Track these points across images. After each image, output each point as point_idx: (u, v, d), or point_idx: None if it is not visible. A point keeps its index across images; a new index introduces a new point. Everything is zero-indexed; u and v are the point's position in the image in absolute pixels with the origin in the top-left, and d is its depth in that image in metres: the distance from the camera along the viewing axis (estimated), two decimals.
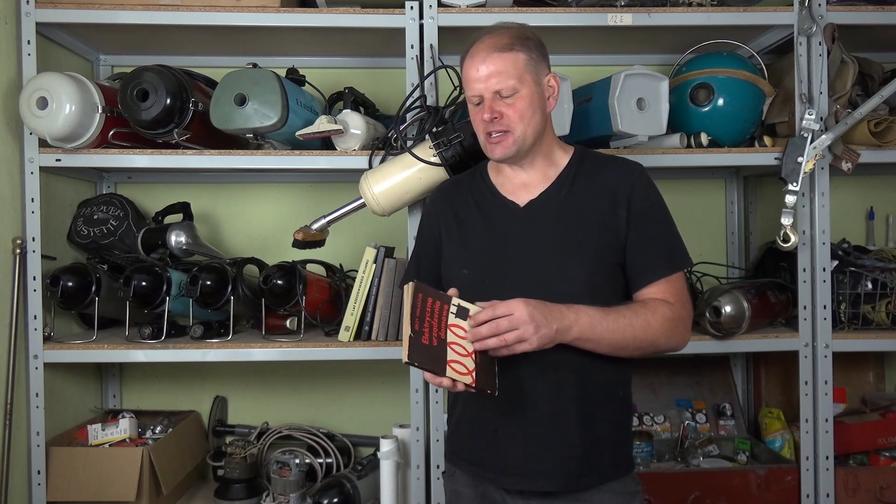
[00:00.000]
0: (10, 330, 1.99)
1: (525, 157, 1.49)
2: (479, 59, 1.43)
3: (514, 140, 1.44)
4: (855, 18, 2.09)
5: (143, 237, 2.23)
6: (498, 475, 1.45)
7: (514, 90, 1.42)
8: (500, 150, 1.46)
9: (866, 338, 2.14)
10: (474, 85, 1.44)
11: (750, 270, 2.56)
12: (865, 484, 2.13)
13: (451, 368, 1.26)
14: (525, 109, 1.43)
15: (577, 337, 1.34)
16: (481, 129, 1.47)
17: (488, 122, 1.44)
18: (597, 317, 1.35)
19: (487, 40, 1.45)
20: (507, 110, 1.43)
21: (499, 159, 1.48)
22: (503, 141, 1.45)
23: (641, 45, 2.39)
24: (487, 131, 1.45)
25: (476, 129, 1.50)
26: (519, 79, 1.43)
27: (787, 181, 2.05)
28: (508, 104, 1.43)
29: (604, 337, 1.36)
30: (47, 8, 2.00)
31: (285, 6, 2.05)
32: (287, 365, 2.51)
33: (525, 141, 1.45)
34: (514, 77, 1.42)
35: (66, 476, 2.02)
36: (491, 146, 1.47)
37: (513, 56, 1.43)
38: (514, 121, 1.43)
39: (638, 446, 2.26)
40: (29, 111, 1.91)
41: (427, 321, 1.28)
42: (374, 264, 2.04)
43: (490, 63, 1.42)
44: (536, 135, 1.47)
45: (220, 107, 1.97)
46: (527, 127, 1.44)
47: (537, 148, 1.49)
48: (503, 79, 1.42)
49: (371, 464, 2.23)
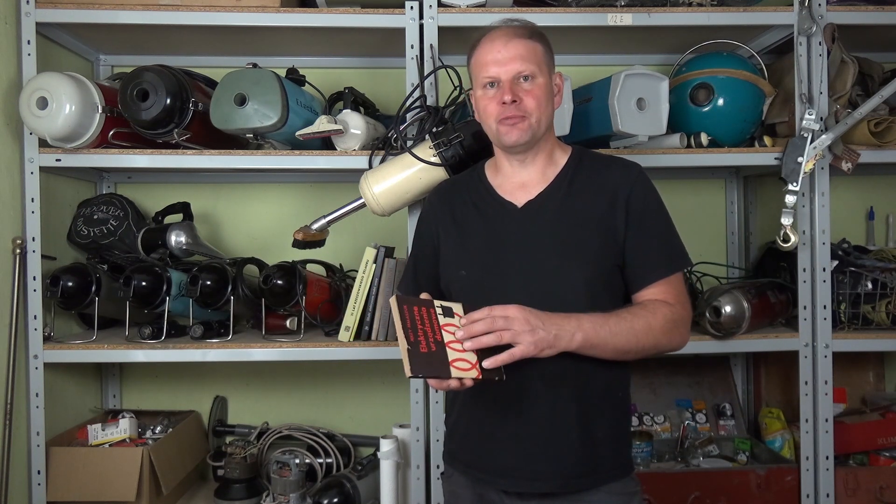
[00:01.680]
0: (10, 330, 1.99)
1: (531, 148, 1.48)
2: (501, 42, 1.43)
3: (530, 126, 1.43)
4: (855, 18, 2.09)
5: (143, 237, 2.23)
6: (495, 477, 1.45)
7: (534, 76, 1.43)
8: (516, 134, 1.43)
9: (866, 338, 2.14)
10: (492, 68, 1.43)
11: (750, 270, 2.56)
12: (865, 484, 2.13)
13: (454, 368, 1.25)
14: (541, 98, 1.43)
15: (582, 343, 1.32)
16: (494, 114, 1.44)
17: (506, 106, 1.42)
18: (598, 322, 1.34)
19: (506, 28, 1.46)
20: (525, 96, 1.42)
21: (513, 143, 1.45)
22: (519, 124, 1.43)
23: (641, 45, 2.39)
24: (504, 115, 1.43)
25: (485, 116, 1.47)
26: (538, 66, 1.43)
27: (787, 181, 2.04)
28: (527, 90, 1.42)
29: (608, 342, 1.35)
30: (47, 8, 2.00)
31: (285, 6, 2.05)
32: (287, 365, 2.51)
33: (539, 129, 1.45)
34: (534, 63, 1.43)
35: (66, 476, 2.02)
36: (505, 129, 1.44)
37: (533, 44, 1.44)
38: (532, 107, 1.42)
39: (638, 446, 2.26)
40: (29, 111, 1.91)
41: (420, 329, 1.26)
42: (374, 264, 2.04)
43: (512, 47, 1.42)
44: (547, 126, 1.47)
45: (220, 107, 1.97)
46: (542, 115, 1.44)
47: (542, 143, 1.49)
48: (525, 63, 1.42)
49: (371, 464, 2.23)
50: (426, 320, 1.28)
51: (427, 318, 1.29)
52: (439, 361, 1.25)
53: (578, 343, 1.32)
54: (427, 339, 1.26)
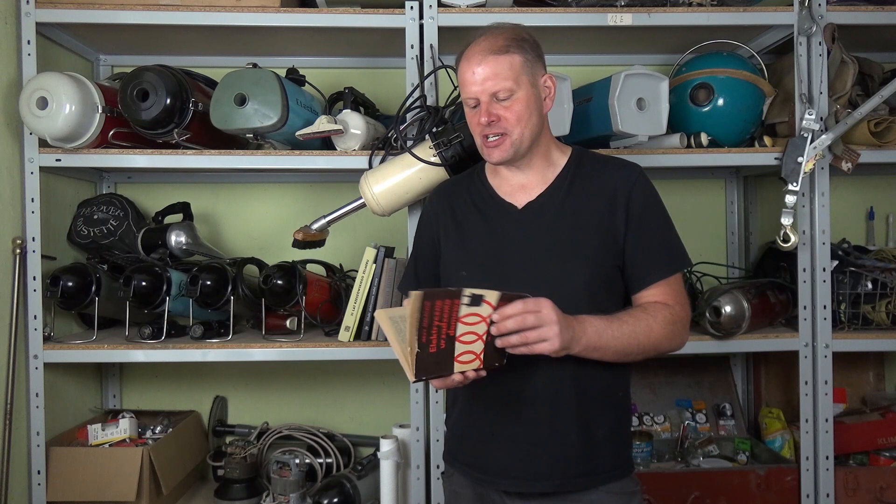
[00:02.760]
0: (10, 330, 1.99)
1: (522, 158, 1.48)
2: (475, 61, 1.42)
3: (512, 143, 1.44)
4: (855, 18, 2.09)
5: (143, 237, 2.23)
6: (495, 477, 1.45)
7: (511, 92, 1.41)
8: (498, 154, 1.45)
9: (866, 338, 2.14)
10: (470, 88, 1.43)
11: (750, 270, 2.56)
12: (865, 484, 2.13)
13: (458, 363, 1.24)
14: (522, 112, 1.42)
15: (585, 347, 1.33)
16: (478, 132, 1.46)
17: (485, 126, 1.43)
18: (601, 326, 1.35)
19: (482, 42, 1.43)
20: (503, 113, 1.42)
21: (496, 162, 1.47)
22: (501, 144, 1.44)
23: (641, 45, 2.39)
24: (484, 134, 1.44)
25: (473, 132, 1.49)
26: (515, 81, 1.41)
27: (787, 181, 2.04)
28: (505, 107, 1.42)
29: (609, 345, 1.35)
30: (47, 8, 2.00)
31: (285, 6, 2.05)
32: (287, 365, 2.51)
33: (522, 143, 1.45)
34: (510, 79, 1.41)
35: (66, 476, 2.02)
36: (488, 150, 1.46)
37: (508, 58, 1.41)
38: (512, 123, 1.42)
39: (638, 446, 2.26)
40: (29, 111, 1.91)
41: (435, 325, 1.23)
42: (374, 264, 2.04)
43: (486, 65, 1.41)
44: (534, 136, 1.46)
45: (220, 107, 1.97)
46: (524, 129, 1.43)
47: (535, 149, 1.48)
48: (499, 81, 1.41)
49: (371, 464, 2.23)
50: (445, 315, 1.23)
51: (448, 312, 1.23)
52: (444, 359, 1.24)
53: (582, 347, 1.33)
54: (439, 336, 1.23)
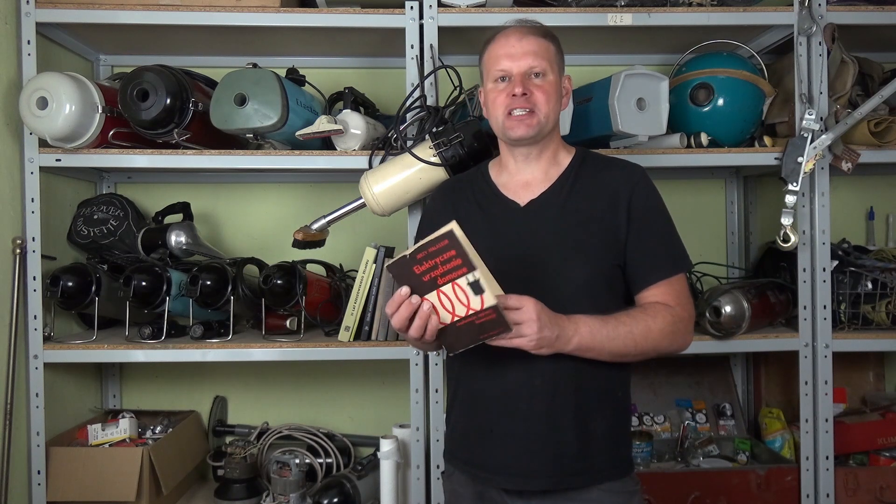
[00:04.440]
0: (10, 330, 1.99)
1: (537, 144, 1.49)
2: (515, 38, 1.46)
3: (538, 121, 1.45)
4: (855, 18, 2.09)
5: (143, 237, 2.23)
6: (494, 475, 1.45)
7: (545, 73, 1.45)
8: (523, 129, 1.45)
9: (866, 338, 2.14)
10: (504, 62, 1.45)
11: (750, 270, 2.56)
12: (865, 484, 2.13)
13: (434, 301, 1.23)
14: (551, 94, 1.45)
15: (577, 347, 1.34)
16: (503, 106, 1.46)
17: (516, 98, 1.43)
18: (596, 326, 1.35)
19: (521, 26, 1.48)
20: (535, 90, 1.44)
21: (518, 137, 1.46)
22: (527, 119, 1.44)
23: (641, 45, 2.39)
24: (512, 107, 1.44)
25: (493, 108, 1.48)
26: (550, 64, 1.46)
27: (787, 181, 2.05)
28: (538, 85, 1.44)
29: (604, 346, 1.36)
30: (47, 8, 2.00)
31: (285, 6, 2.05)
32: (287, 365, 2.51)
33: (546, 125, 1.46)
34: (546, 60, 1.45)
35: (66, 476, 2.02)
36: (513, 124, 1.45)
37: (546, 43, 1.47)
38: (541, 102, 1.44)
39: (638, 446, 2.26)
40: (29, 111, 1.91)
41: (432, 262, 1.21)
42: (374, 264, 2.04)
43: (527, 43, 1.45)
44: (554, 124, 1.48)
45: (220, 107, 1.97)
46: (550, 112, 1.45)
47: (547, 141, 1.50)
48: (537, 59, 1.44)
49: (371, 464, 2.23)
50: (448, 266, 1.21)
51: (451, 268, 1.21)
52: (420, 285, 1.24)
53: (574, 346, 1.34)
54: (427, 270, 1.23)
